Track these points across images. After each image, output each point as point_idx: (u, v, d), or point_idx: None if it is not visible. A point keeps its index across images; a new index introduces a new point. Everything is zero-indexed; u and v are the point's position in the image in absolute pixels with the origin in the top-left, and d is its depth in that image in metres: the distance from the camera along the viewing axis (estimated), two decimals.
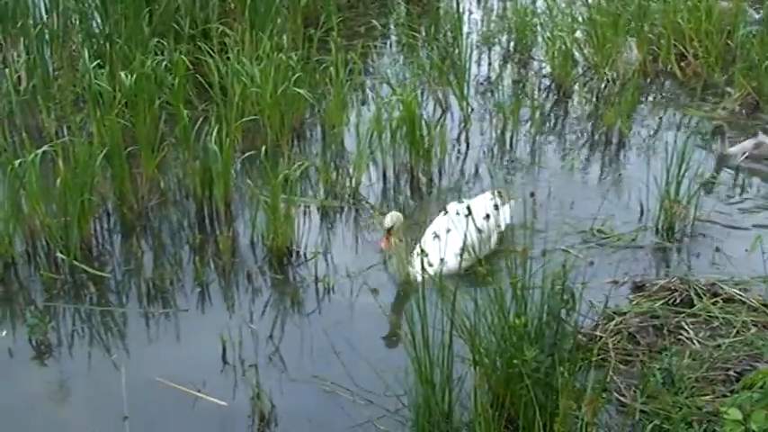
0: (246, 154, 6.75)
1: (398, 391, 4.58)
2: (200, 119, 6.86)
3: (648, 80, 8.69)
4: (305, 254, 6.05)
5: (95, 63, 7.33)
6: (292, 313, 5.59)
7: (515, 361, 4.18)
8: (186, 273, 5.94)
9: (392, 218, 5.54)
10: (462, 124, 7.82)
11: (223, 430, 4.67)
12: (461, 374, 4.43)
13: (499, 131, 7.71)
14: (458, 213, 5.62)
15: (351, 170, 6.95)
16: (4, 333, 5.43)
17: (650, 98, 8.48)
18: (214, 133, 6.37)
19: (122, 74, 7.09)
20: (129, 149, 6.53)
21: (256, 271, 5.93)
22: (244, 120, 7.08)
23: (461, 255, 5.41)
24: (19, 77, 7.93)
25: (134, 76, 6.95)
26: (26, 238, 6.08)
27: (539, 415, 3.84)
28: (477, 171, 7.18)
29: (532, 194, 6.51)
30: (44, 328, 5.30)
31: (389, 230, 5.51)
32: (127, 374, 4.94)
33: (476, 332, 4.36)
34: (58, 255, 5.89)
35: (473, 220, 5.33)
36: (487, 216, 5.76)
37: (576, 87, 8.58)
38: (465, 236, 5.16)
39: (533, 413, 3.93)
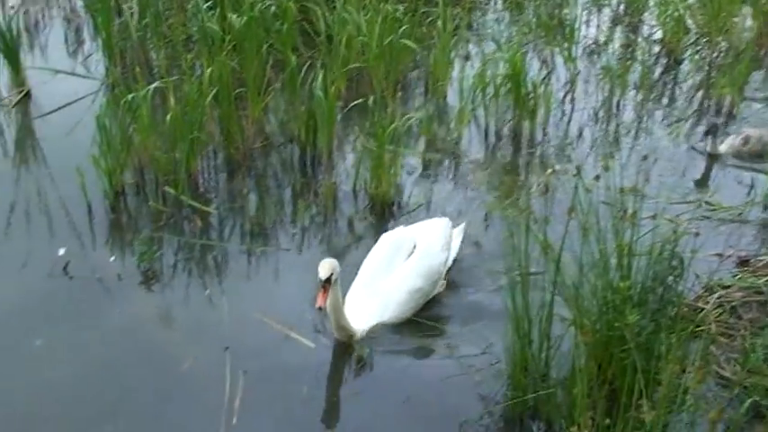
0: (352, 103, 6.78)
1: (496, 347, 4.60)
2: (306, 65, 6.92)
3: (763, 52, 8.38)
4: (406, 204, 6.09)
5: (206, 4, 7.44)
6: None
7: (617, 324, 4.16)
8: (287, 214, 6.08)
9: (329, 266, 4.57)
10: (568, 86, 7.70)
11: (312, 370, 4.76)
12: (560, 335, 4.42)
13: (605, 95, 7.55)
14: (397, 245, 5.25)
15: (452, 125, 6.94)
16: (113, 258, 5.65)
17: (764, 70, 8.18)
18: (319, 80, 6.43)
19: (232, 16, 7.18)
20: (236, 91, 6.63)
21: (357, 218, 6.01)
22: (349, 67, 7.10)
23: (403, 309, 5.03)
24: (132, 14, 8.11)
25: (243, 18, 7.04)
26: (136, 171, 6.28)
27: (639, 379, 3.80)
28: (580, 134, 7.07)
29: (645, 158, 6.39)
30: (151, 256, 5.50)
31: (327, 281, 4.53)
32: (226, 307, 5.09)
33: (578, 293, 4.33)
34: (166, 188, 6.07)
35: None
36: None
37: (687, 55, 8.33)
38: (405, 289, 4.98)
39: (632, 377, 3.90)
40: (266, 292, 5.37)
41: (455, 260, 5.43)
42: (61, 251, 5.60)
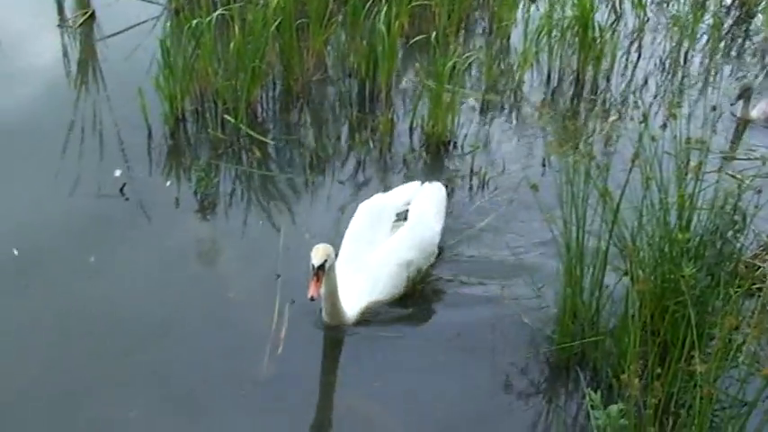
0: (413, 39, 6.69)
1: (548, 293, 4.59)
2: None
3: None
4: (462, 145, 6.05)
5: None
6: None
7: (672, 276, 4.11)
8: (343, 147, 6.09)
9: (323, 252, 4.22)
10: (636, 33, 7.51)
11: None
12: (612, 284, 4.38)
13: (673, 45, 7.36)
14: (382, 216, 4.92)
15: (515, 67, 6.83)
16: (169, 183, 5.72)
17: None
18: (383, 14, 6.35)
19: None
20: (298, 22, 6.59)
21: (412, 155, 5.99)
22: (413, 4, 7.00)
23: (394, 283, 4.69)
24: None
25: None
26: (196, 97, 6.31)
27: (692, 332, 3.77)
28: (646, 82, 6.92)
29: (714, 108, 6.23)
30: (208, 183, 5.55)
31: (320, 268, 4.19)
32: (280, 235, 5.14)
33: (635, 243, 4.28)
34: (226, 116, 6.09)
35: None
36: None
37: (761, 8, 8.04)
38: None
39: (685, 330, 3.86)
40: (320, 223, 5.38)
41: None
42: (117, 172, 5.71)
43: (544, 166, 5.83)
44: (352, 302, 4.55)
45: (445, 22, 7.06)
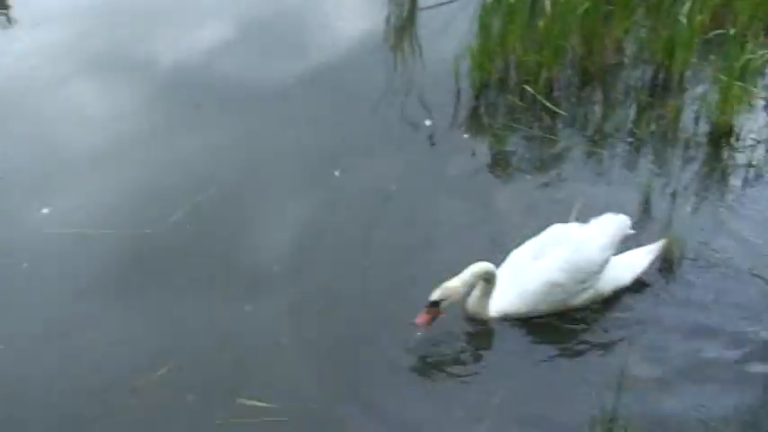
0: (713, 33, 7.03)
1: None
2: None
3: None
4: (743, 140, 6.35)
5: None
6: (716, 191, 5.98)
7: None
8: (628, 126, 6.61)
9: (441, 292, 4.46)
10: None
11: None
12: None
13: None
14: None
15: None
16: (428, 122, 6.61)
17: None
18: (685, 7, 6.75)
19: None
20: (605, 9, 7.13)
21: (693, 142, 6.40)
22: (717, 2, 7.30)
23: (536, 300, 4.77)
24: None
25: None
26: (502, 68, 7.10)
27: None
28: None
29: None
30: (505, 140, 6.35)
31: (436, 305, 4.46)
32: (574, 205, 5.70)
33: None
34: (525, 87, 6.84)
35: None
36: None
37: None
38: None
39: None
40: (596, 193, 5.90)
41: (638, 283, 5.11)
42: (428, 122, 6.66)
43: None
44: (497, 307, 4.79)
45: (745, 22, 7.28)
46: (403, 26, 8.26)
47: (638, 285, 5.10)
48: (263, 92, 7.07)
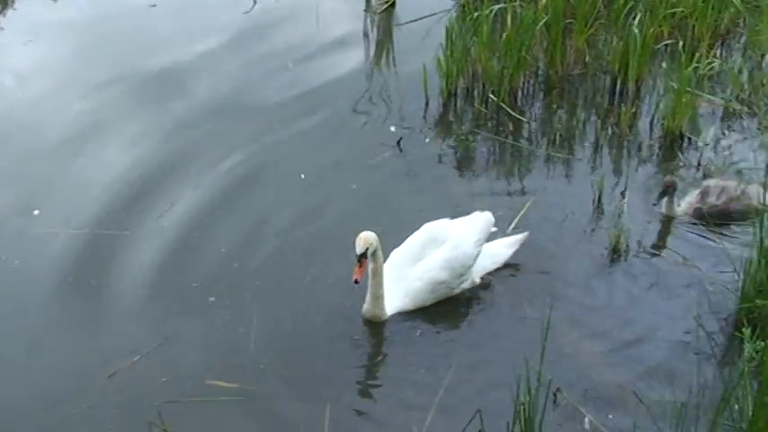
0: (664, 42, 7.42)
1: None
2: (631, 6, 7.60)
3: None
4: (694, 143, 6.73)
5: None
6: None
7: None
8: (587, 132, 7.05)
9: (364, 241, 4.81)
10: None
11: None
12: None
13: None
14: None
15: (764, 80, 7.33)
16: (393, 128, 7.03)
17: None
18: (637, 20, 7.15)
19: None
20: (565, 21, 7.54)
21: (647, 145, 6.79)
22: (670, 12, 7.70)
23: (422, 298, 5.18)
24: None
25: None
26: (468, 77, 7.48)
27: None
28: None
29: None
30: (469, 145, 6.72)
31: (363, 256, 4.83)
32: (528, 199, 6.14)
33: None
34: (490, 96, 7.22)
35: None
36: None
37: None
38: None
39: None
40: (555, 191, 6.32)
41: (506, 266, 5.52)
42: (392, 128, 7.06)
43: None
44: (391, 305, 5.14)
45: (700, 34, 7.68)
46: (380, 40, 8.69)
47: (590, 269, 5.53)
48: (242, 102, 7.50)
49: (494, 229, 5.48)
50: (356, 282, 4.87)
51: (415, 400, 4.66)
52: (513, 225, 5.87)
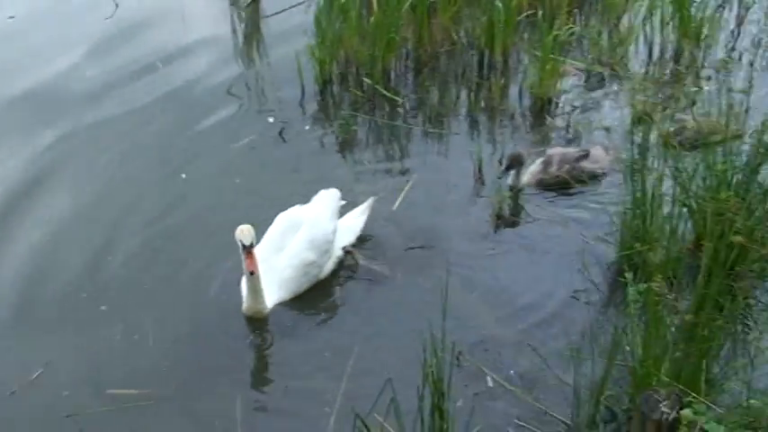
0: (525, 13, 7.75)
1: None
2: None
3: None
4: (562, 107, 7.03)
5: None
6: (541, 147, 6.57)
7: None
8: (461, 106, 7.24)
9: (249, 232, 4.84)
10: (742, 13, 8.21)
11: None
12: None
13: None
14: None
15: (618, 42, 7.73)
16: (271, 120, 7.06)
17: None
18: None
19: None
20: (430, 1, 7.72)
21: (519, 113, 7.04)
22: None
23: (298, 283, 5.27)
24: None
25: None
26: (342, 63, 7.57)
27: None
28: (740, 57, 7.62)
29: None
30: (348, 129, 6.81)
31: (251, 246, 4.86)
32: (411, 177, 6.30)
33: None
34: (365, 79, 7.33)
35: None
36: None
37: None
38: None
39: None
40: (436, 166, 6.49)
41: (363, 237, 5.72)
42: (270, 119, 7.06)
43: (632, 125, 6.56)
44: (269, 299, 5.16)
45: (558, 2, 8.01)
46: (248, 34, 8.65)
47: (477, 237, 5.72)
48: (113, 105, 7.37)
49: (342, 202, 5.63)
50: (252, 273, 4.88)
51: (324, 384, 4.69)
52: (397, 203, 6.00)
